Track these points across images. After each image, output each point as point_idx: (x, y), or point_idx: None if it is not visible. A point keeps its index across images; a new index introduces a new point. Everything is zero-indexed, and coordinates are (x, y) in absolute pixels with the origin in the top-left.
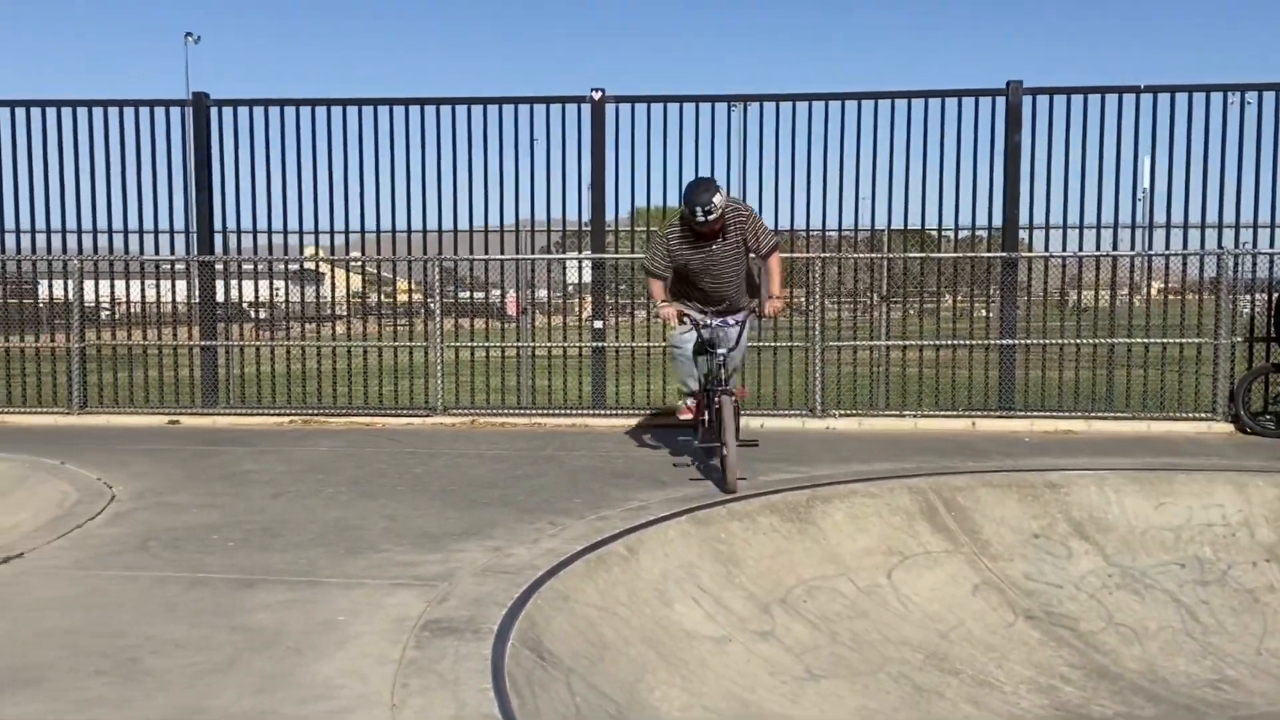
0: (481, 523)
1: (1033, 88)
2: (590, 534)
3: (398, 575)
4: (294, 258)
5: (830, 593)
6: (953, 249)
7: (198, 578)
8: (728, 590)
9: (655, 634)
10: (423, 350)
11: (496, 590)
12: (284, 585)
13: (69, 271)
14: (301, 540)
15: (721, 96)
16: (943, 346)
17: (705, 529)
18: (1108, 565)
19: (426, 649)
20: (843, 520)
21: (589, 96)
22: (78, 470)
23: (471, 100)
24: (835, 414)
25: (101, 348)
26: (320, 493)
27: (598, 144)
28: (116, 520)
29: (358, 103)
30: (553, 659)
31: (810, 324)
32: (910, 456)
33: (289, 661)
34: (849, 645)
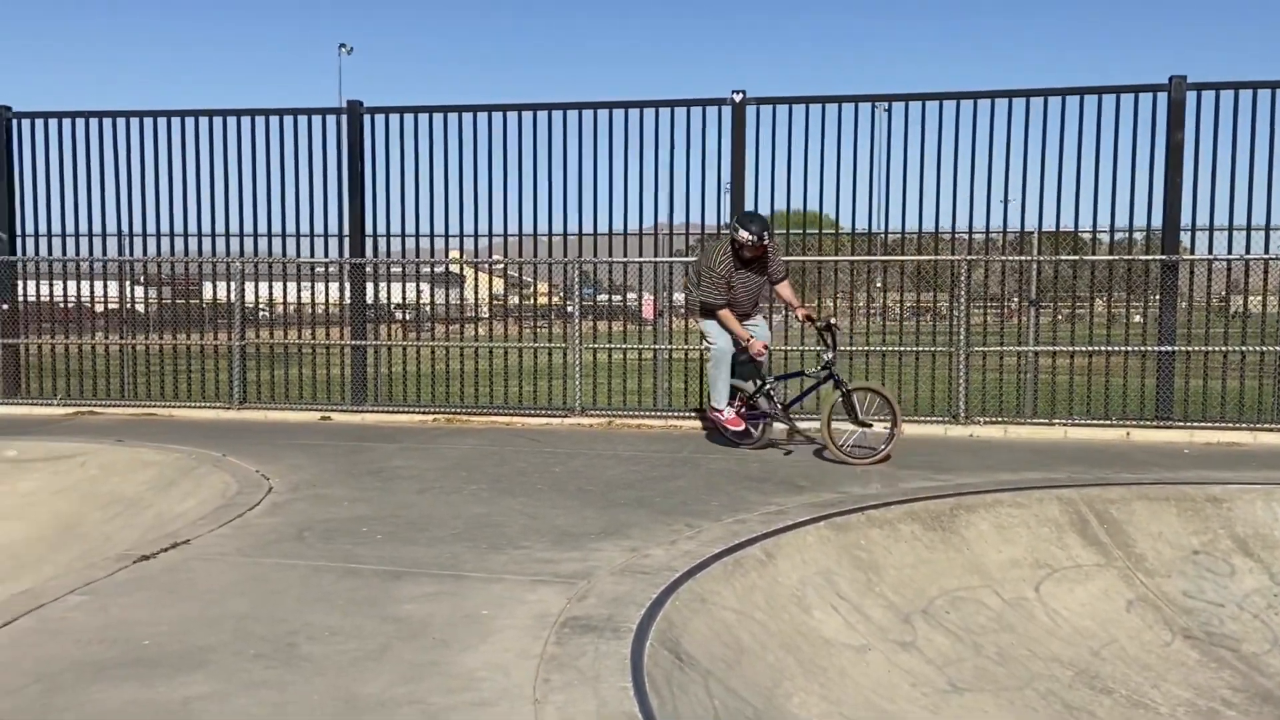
0: (619, 523)
1: (1197, 83)
2: (727, 537)
3: (538, 572)
4: (439, 260)
5: (974, 604)
6: (1106, 252)
7: (349, 568)
8: (867, 598)
9: (793, 640)
10: (561, 351)
11: (634, 590)
12: (430, 578)
13: (231, 274)
14: (446, 535)
15: (864, 96)
16: (1097, 352)
17: (844, 535)
18: (1274, 585)
19: (567, 645)
20: (988, 530)
21: (730, 99)
22: (238, 462)
23: (613, 104)
24: (979, 421)
25: (260, 346)
26: (463, 489)
27: (738, 146)
28: (274, 511)
29: (501, 108)
30: (690, 660)
31: (955, 328)
32: (1060, 466)
33: (436, 652)
34: (994, 659)
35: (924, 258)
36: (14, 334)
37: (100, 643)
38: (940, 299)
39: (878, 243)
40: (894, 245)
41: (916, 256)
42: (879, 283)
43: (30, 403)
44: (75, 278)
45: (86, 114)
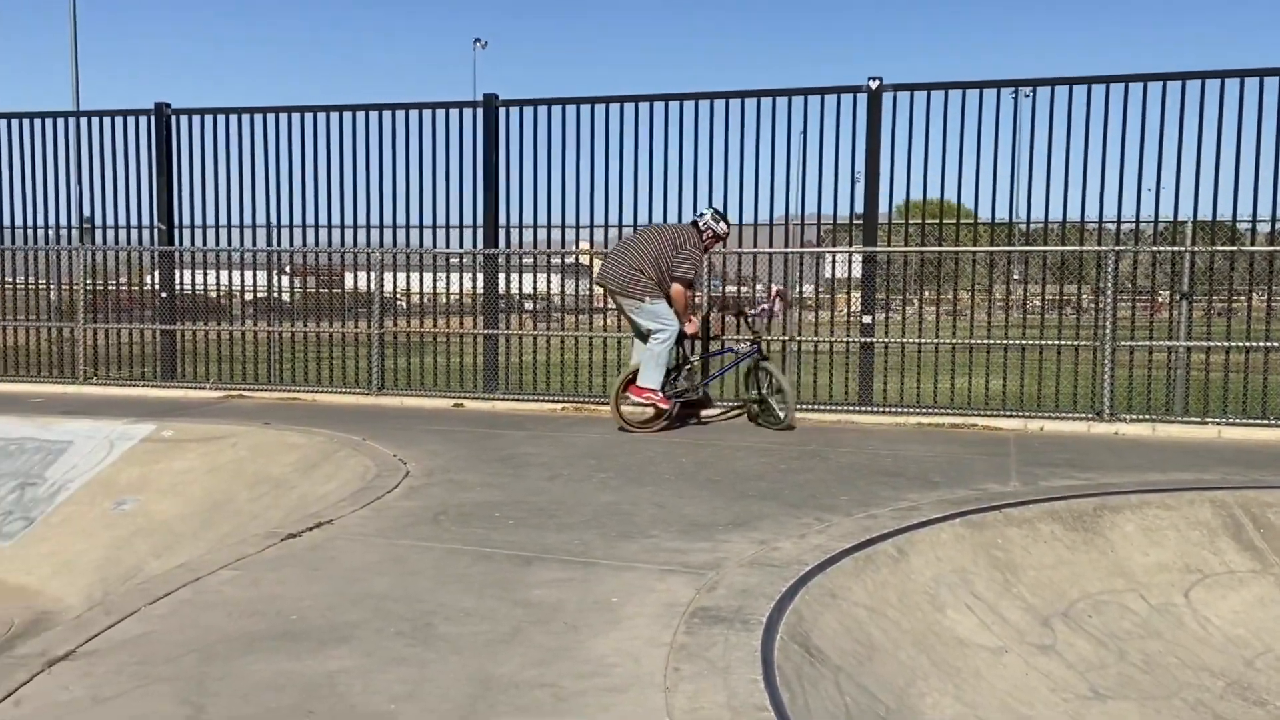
0: (748, 514)
1: None
2: (858, 532)
3: (666, 561)
4: (568, 250)
5: (1118, 609)
6: (1265, 243)
7: (482, 552)
8: (1004, 599)
9: (926, 639)
10: None
11: (764, 582)
12: (560, 564)
13: (371, 264)
14: (575, 522)
15: (1004, 81)
16: (1253, 349)
17: (980, 533)
18: None
19: (696, 635)
20: (1134, 532)
21: (865, 86)
22: (376, 446)
23: (745, 93)
24: (1125, 418)
25: (397, 335)
26: (592, 478)
27: (873, 134)
28: (411, 494)
29: (633, 99)
30: (820, 656)
31: (1100, 322)
32: (1212, 467)
33: (566, 637)
34: (1139, 666)
35: (1070, 248)
36: (171, 321)
37: (251, 615)
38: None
39: (1016, 233)
40: (1034, 235)
41: (1062, 247)
42: (1017, 274)
43: (185, 386)
44: (227, 267)
45: (239, 110)
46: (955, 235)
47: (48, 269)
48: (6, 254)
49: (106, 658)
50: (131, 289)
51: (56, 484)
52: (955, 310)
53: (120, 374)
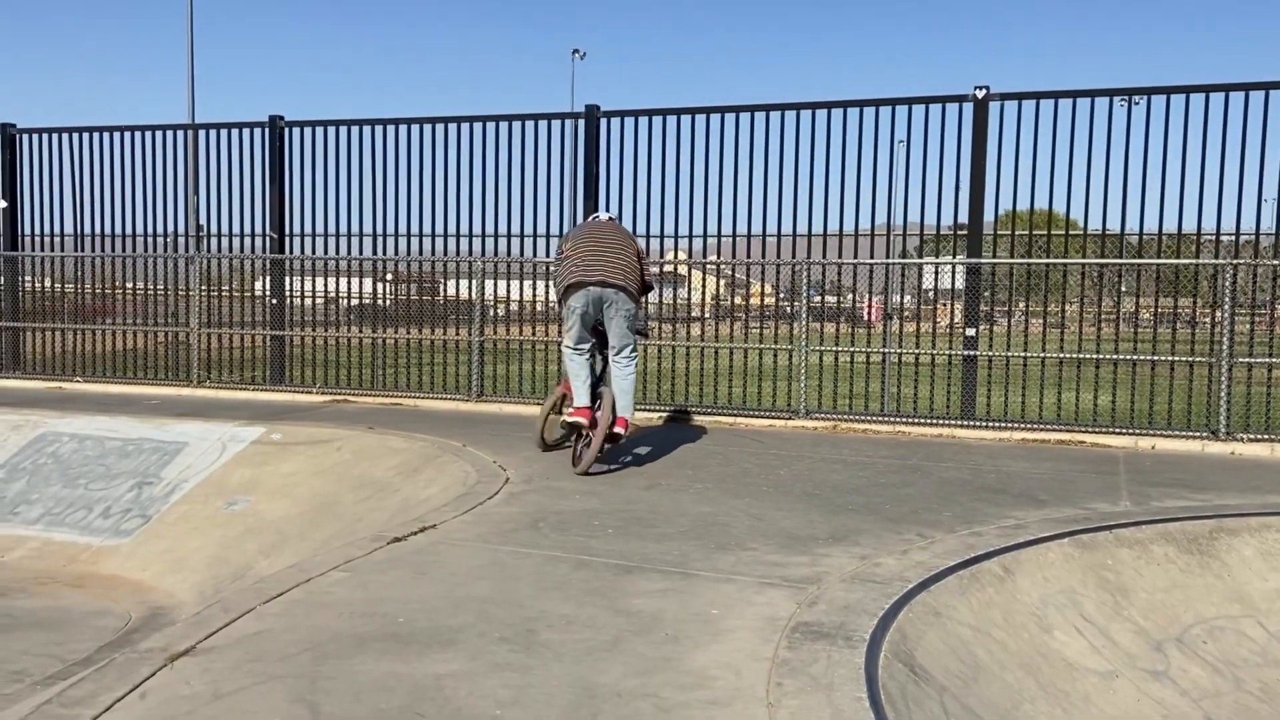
0: (847, 529)
1: None
2: (962, 549)
3: (765, 574)
4: (665, 260)
5: (1235, 635)
6: None
7: (582, 559)
8: (1115, 622)
9: (1033, 661)
10: (786, 353)
11: (865, 599)
12: (659, 574)
13: (472, 272)
14: (673, 532)
15: (1114, 90)
16: None
17: (1089, 554)
18: None
19: (798, 650)
20: (1252, 556)
21: (971, 95)
22: (476, 452)
23: (847, 103)
24: (1242, 438)
25: (496, 342)
26: (689, 488)
27: (979, 144)
28: (510, 500)
29: (732, 109)
30: (925, 675)
31: (1218, 337)
32: None
33: (667, 648)
34: (1257, 695)
35: (1187, 261)
36: (281, 326)
37: (360, 616)
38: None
39: (1124, 244)
40: (1142, 247)
41: (1178, 260)
42: (1125, 287)
43: (293, 389)
44: (335, 274)
45: (349, 122)
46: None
47: (165, 275)
48: (127, 261)
49: (225, 654)
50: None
51: (172, 484)
52: (1063, 323)
53: (231, 378)
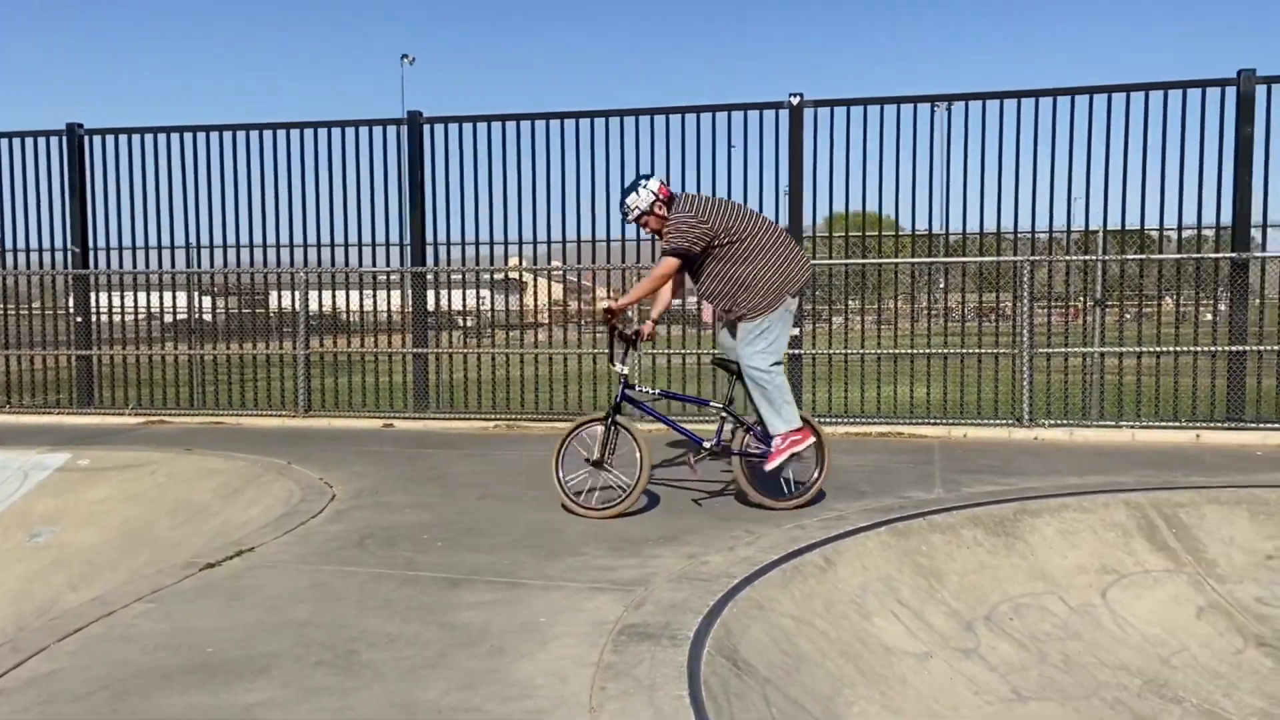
0: (678, 529)
1: (1267, 76)
2: (786, 543)
3: (596, 579)
4: (497, 267)
5: (1039, 611)
6: (1174, 249)
7: (409, 575)
8: (929, 605)
9: (853, 647)
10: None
11: (692, 597)
12: (488, 585)
13: (296, 283)
14: (505, 542)
15: (923, 97)
16: (1164, 353)
17: (905, 541)
18: None
19: (624, 653)
20: (1053, 535)
21: (787, 102)
22: (302, 470)
23: (670, 110)
24: (1044, 424)
25: (324, 355)
26: (523, 496)
27: (795, 149)
28: (337, 518)
29: (559, 116)
30: (748, 668)
31: (1019, 329)
32: (1127, 470)
33: (493, 660)
34: (1060, 667)
35: (988, 259)
36: (86, 345)
37: (166, 649)
38: (1004, 300)
39: (939, 244)
40: (956, 246)
41: (979, 258)
42: (941, 284)
43: (103, 412)
44: (145, 289)
45: (154, 130)
46: (878, 247)
47: None
48: None
49: (12, 698)
50: (44, 312)
51: None
52: (880, 320)
53: (34, 401)
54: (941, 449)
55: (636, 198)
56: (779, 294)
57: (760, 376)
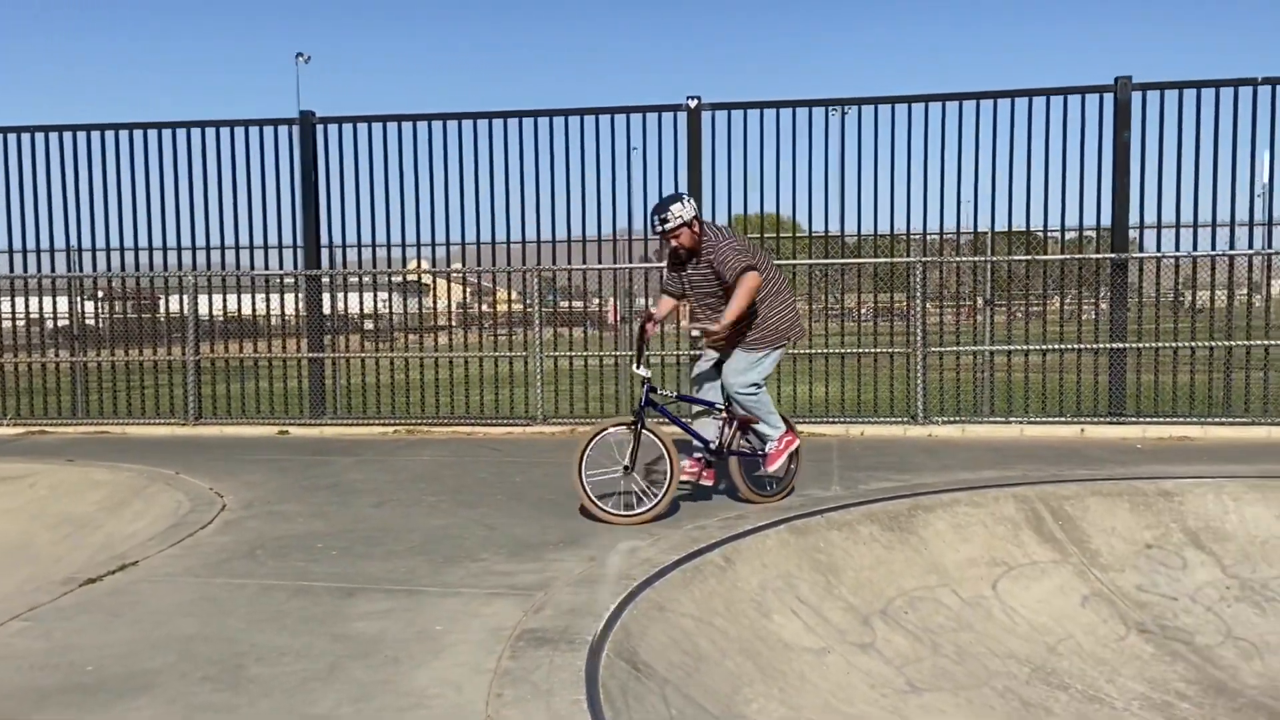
0: (579, 532)
1: (1142, 83)
2: (687, 544)
3: (495, 585)
4: (396, 270)
5: (933, 604)
6: (1060, 250)
7: (301, 586)
8: (827, 601)
9: (753, 645)
10: (523, 360)
11: (592, 600)
12: (384, 594)
13: (184, 287)
14: (402, 549)
15: (819, 101)
16: (1050, 351)
17: (804, 538)
18: (1225, 577)
19: (521, 659)
20: (945, 530)
21: (685, 105)
22: (191, 480)
23: (569, 111)
24: (938, 420)
25: (215, 361)
26: (422, 501)
27: (694, 152)
28: (227, 529)
29: (457, 116)
30: (648, 670)
31: (912, 329)
32: (1016, 464)
33: (386, 670)
34: (952, 658)
35: (880, 260)
36: None
37: (42, 669)
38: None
39: (838, 245)
40: (854, 247)
41: (874, 259)
42: (840, 285)
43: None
44: (24, 294)
45: (33, 129)
46: (776, 247)
47: None
48: None
49: None
50: None
51: None
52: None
53: None
54: (840, 447)
55: (682, 207)
56: (784, 336)
57: (748, 399)
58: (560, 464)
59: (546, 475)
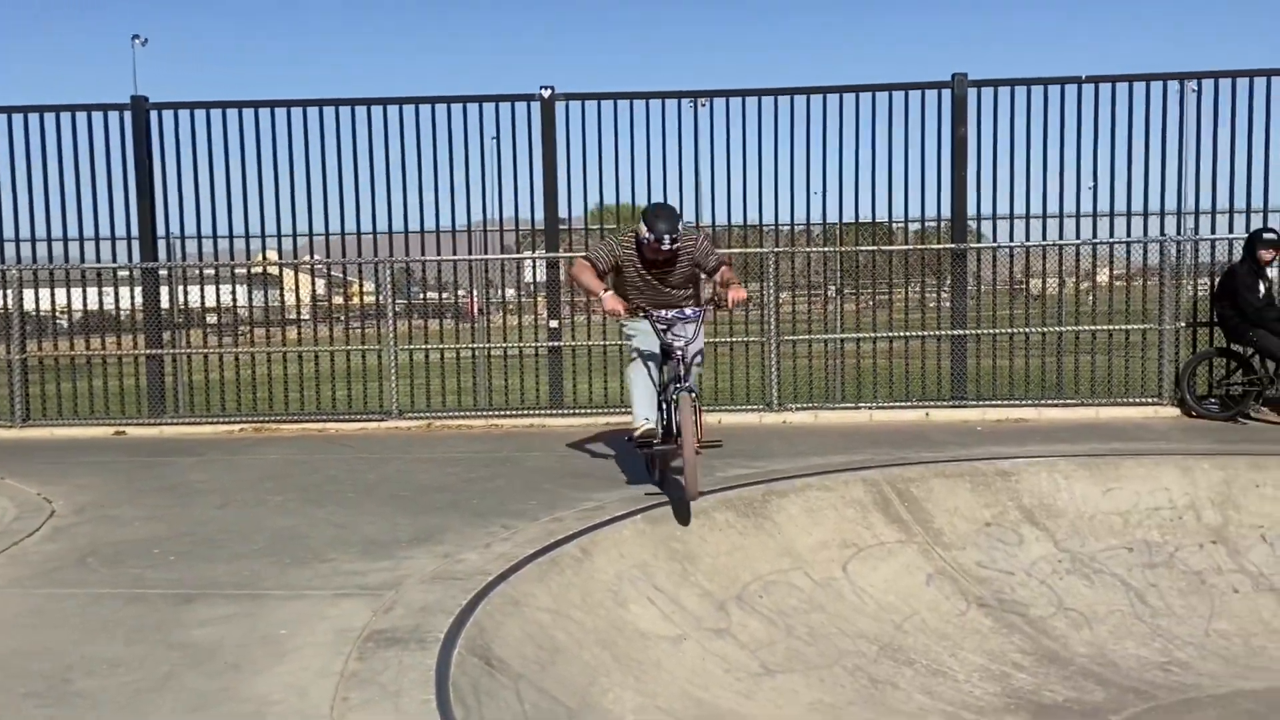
0: (432, 528)
1: (977, 80)
2: (543, 536)
3: (343, 585)
4: (242, 263)
5: (786, 587)
6: (906, 241)
7: (136, 593)
8: (683, 589)
9: (609, 636)
10: (377, 354)
11: (445, 597)
12: (225, 599)
13: (8, 281)
14: (246, 551)
15: (673, 93)
16: (896, 338)
17: (660, 528)
18: (1058, 551)
19: (369, 660)
20: (798, 514)
21: (538, 94)
22: (17, 485)
23: (420, 100)
24: (791, 407)
25: (44, 359)
26: (267, 502)
27: (548, 142)
28: (55, 536)
29: (303, 104)
30: (502, 666)
31: (766, 318)
32: (865, 448)
33: (226, 678)
34: (805, 639)
35: (735, 250)
36: None
37: None
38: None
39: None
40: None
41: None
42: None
43: None
44: None
45: None
46: None
47: None
48: None
49: None
50: None
51: None
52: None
53: None
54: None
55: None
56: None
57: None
58: (415, 458)
59: (401, 470)
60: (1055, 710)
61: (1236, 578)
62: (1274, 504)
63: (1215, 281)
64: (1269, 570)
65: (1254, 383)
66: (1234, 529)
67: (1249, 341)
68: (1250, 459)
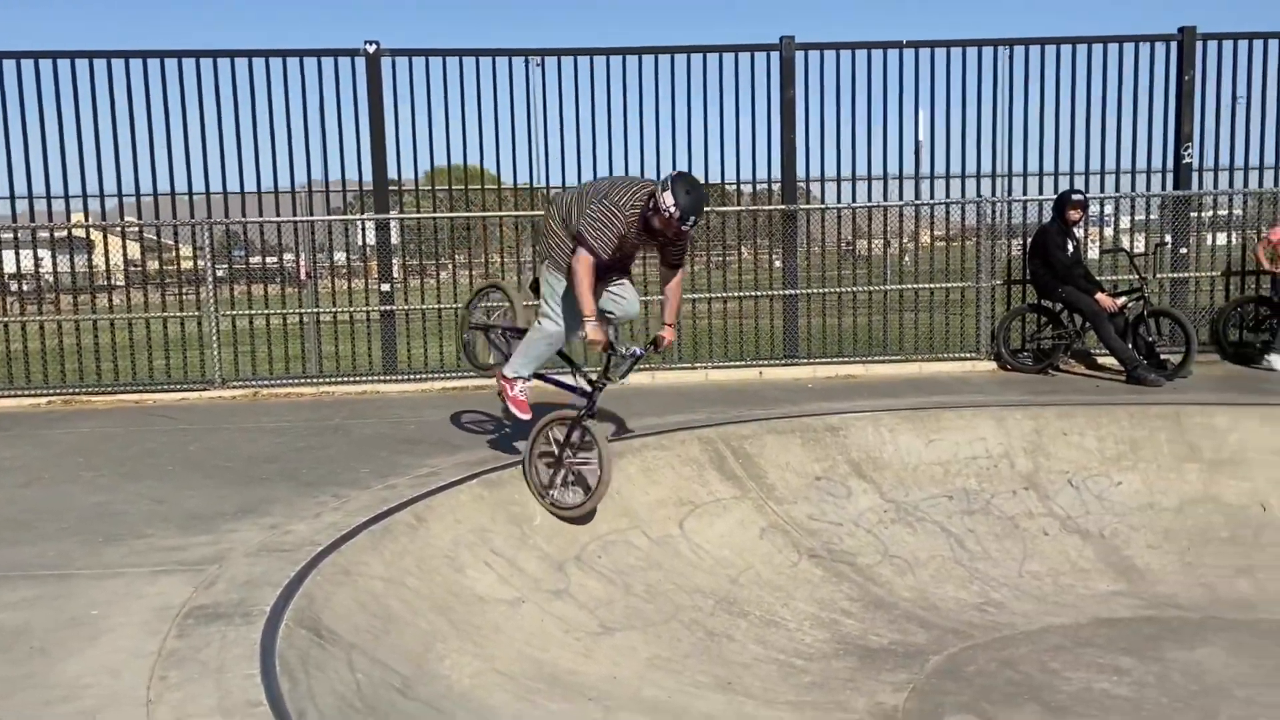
0: (258, 500)
1: (804, 43)
2: (376, 504)
3: (161, 562)
4: (47, 224)
5: (625, 546)
6: (747, 202)
7: None
8: (522, 551)
9: (446, 602)
10: (196, 321)
11: (271, 570)
12: (30, 581)
13: None
14: (54, 530)
15: (505, 50)
16: (731, 298)
17: (498, 491)
18: (884, 501)
19: (189, 637)
20: (636, 474)
21: (363, 50)
22: None
23: (238, 53)
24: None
25: None
26: (79, 478)
27: (375, 100)
28: None
29: (114, 55)
30: (332, 636)
31: None
32: (701, 408)
33: (32, 663)
34: (643, 597)
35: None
36: None
37: None
38: None
39: (539, 197)
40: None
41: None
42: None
43: None
44: None
45: None
46: (467, 200)
47: None
48: None
49: None
50: None
51: None
52: (487, 274)
53: None
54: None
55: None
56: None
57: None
58: (240, 428)
59: (225, 441)
60: (880, 653)
61: (1046, 521)
62: (1080, 450)
63: (1028, 241)
64: (1075, 513)
65: (1062, 336)
66: (1044, 475)
67: (1058, 297)
68: (1058, 409)
